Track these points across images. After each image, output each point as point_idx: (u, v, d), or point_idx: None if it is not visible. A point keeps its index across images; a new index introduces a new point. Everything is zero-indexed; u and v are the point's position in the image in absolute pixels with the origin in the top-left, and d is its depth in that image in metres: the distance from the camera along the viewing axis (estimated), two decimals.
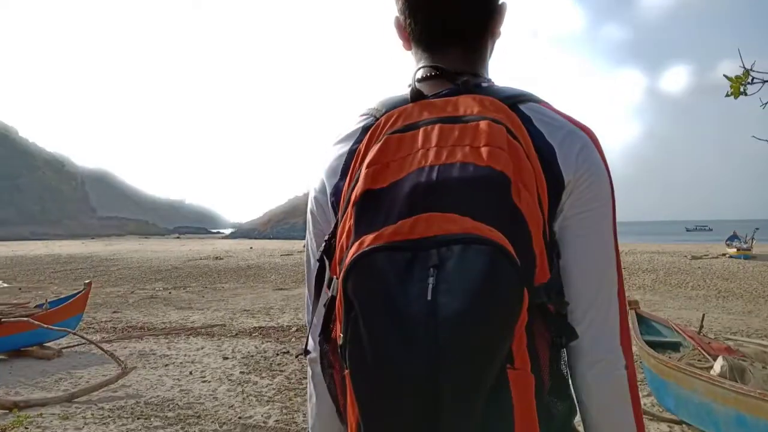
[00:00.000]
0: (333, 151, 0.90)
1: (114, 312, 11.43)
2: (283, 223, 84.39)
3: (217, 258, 27.77)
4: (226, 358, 6.77)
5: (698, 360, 4.09)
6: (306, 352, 0.92)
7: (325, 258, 0.83)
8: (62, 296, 8.19)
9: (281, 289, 16.49)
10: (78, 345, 7.46)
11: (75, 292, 7.70)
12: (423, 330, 0.63)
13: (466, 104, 0.80)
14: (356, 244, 0.70)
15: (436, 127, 0.77)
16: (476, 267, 0.64)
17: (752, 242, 23.28)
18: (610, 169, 0.83)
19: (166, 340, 7.88)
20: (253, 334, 8.34)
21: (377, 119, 0.84)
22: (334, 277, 0.77)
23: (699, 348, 4.21)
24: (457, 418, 0.64)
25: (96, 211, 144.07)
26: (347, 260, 0.69)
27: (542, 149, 0.79)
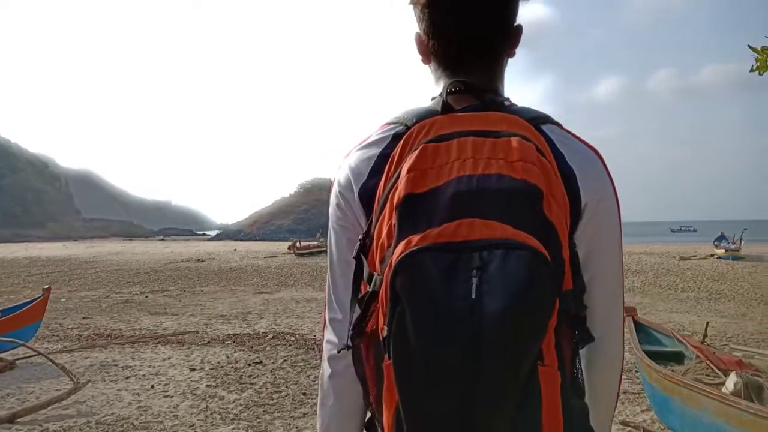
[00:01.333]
0: (360, 154, 0.95)
1: (84, 318, 10.86)
2: (269, 225, 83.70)
3: (199, 260, 27.17)
4: (194, 370, 6.29)
5: (706, 374, 3.69)
6: (348, 347, 0.91)
7: (361, 255, 0.88)
8: (17, 303, 7.63)
9: (262, 292, 15.98)
10: (36, 356, 6.94)
11: (31, 299, 7.16)
12: (467, 325, 0.71)
13: (495, 120, 0.88)
14: (402, 243, 0.77)
15: (470, 139, 0.85)
16: (517, 270, 0.72)
17: (740, 243, 23.12)
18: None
19: (132, 349, 7.38)
20: (226, 342, 7.86)
21: (408, 128, 0.91)
22: (375, 273, 0.83)
23: (706, 361, 3.81)
24: (493, 406, 0.73)
25: (80, 213, 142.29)
26: (394, 258, 0.76)
27: (564, 170, 0.87)
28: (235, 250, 34.19)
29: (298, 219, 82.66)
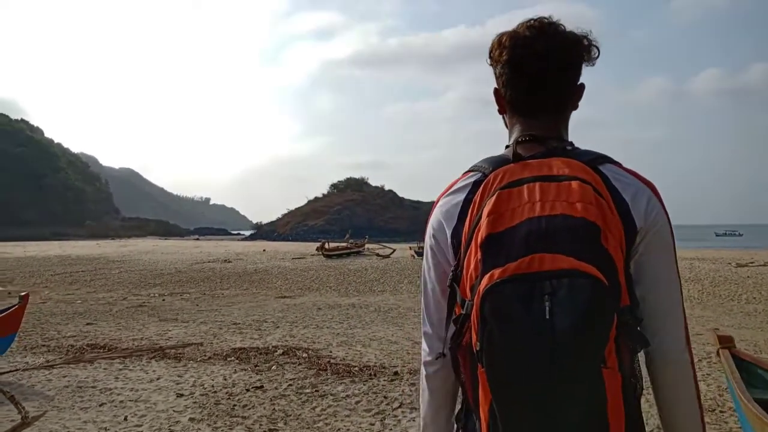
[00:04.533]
0: (448, 200, 1.17)
1: (88, 324, 10.09)
2: (302, 225, 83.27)
3: (226, 261, 26.51)
4: (181, 396, 5.32)
5: None
6: (443, 355, 1.15)
7: (454, 284, 1.09)
8: None
9: (284, 296, 15.07)
10: (11, 372, 6.09)
11: (4, 307, 6.31)
12: (543, 340, 0.90)
13: (558, 166, 1.06)
14: (487, 276, 0.96)
15: (537, 184, 1.02)
16: (582, 294, 0.91)
17: None
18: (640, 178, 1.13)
19: (121, 366, 6.47)
20: (229, 359, 6.89)
21: (486, 175, 1.10)
22: (466, 299, 1.03)
23: None
24: (567, 401, 0.92)
25: (119, 212, 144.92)
26: (481, 288, 0.95)
27: (619, 203, 1.05)
28: (264, 250, 33.53)
29: (330, 219, 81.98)
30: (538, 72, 1.15)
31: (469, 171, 1.17)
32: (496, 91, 1.23)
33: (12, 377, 5.88)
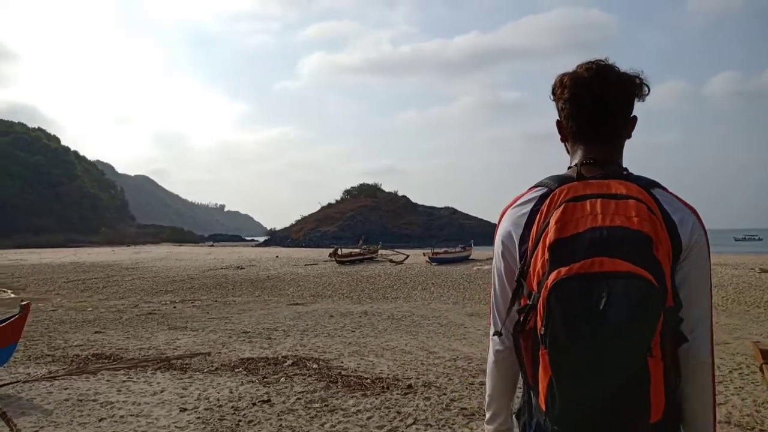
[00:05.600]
0: (516, 210, 1.36)
1: (96, 332, 9.92)
2: (315, 231, 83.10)
3: (238, 267, 26.34)
4: (184, 410, 5.08)
5: None
6: (498, 333, 1.39)
7: (521, 279, 1.28)
8: None
9: (296, 304, 14.83)
10: (11, 384, 5.89)
11: (5, 317, 6.11)
12: (596, 329, 1.08)
13: (616, 186, 1.25)
14: (554, 273, 1.14)
15: (599, 200, 1.21)
16: (636, 293, 1.09)
17: None
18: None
19: (125, 377, 6.25)
20: (237, 369, 6.65)
21: (552, 190, 1.29)
22: (533, 292, 1.21)
23: None
24: (616, 382, 1.10)
25: (135, 219, 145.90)
26: (548, 283, 1.14)
27: (669, 222, 1.24)
28: (277, 257, 33.37)
29: (344, 225, 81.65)
30: (596, 108, 1.35)
31: (535, 186, 1.37)
32: (559, 123, 1.44)
33: (12, 389, 5.68)
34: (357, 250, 31.10)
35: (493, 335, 1.41)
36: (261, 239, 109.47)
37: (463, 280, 19.12)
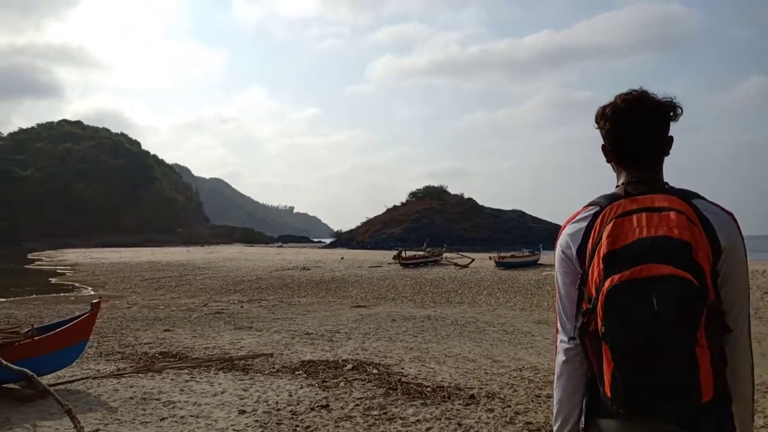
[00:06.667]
0: (574, 227, 1.57)
1: (165, 330, 10.20)
2: (380, 233, 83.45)
3: (304, 268, 26.70)
4: (243, 413, 5.06)
5: None
6: (573, 338, 1.53)
7: (582, 287, 1.50)
8: (61, 319, 6.82)
9: (359, 306, 14.81)
10: (81, 380, 6.08)
11: (77, 314, 6.31)
12: (650, 325, 1.30)
13: (659, 200, 1.46)
14: (608, 280, 1.36)
15: (644, 214, 1.44)
16: (680, 292, 1.30)
17: None
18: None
19: (189, 376, 6.33)
20: (297, 372, 6.61)
21: (603, 208, 1.51)
22: (592, 297, 1.42)
23: None
24: (668, 368, 1.31)
25: (209, 220, 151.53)
26: (604, 289, 1.36)
27: (708, 228, 1.42)
28: (342, 258, 33.63)
29: (409, 228, 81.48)
30: (635, 134, 1.57)
31: (589, 205, 1.58)
32: (604, 147, 1.66)
33: (81, 385, 5.85)
34: (421, 253, 30.83)
35: (561, 338, 1.59)
36: (327, 241, 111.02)
37: (531, 286, 18.55)
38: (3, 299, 19.24)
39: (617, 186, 1.60)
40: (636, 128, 1.55)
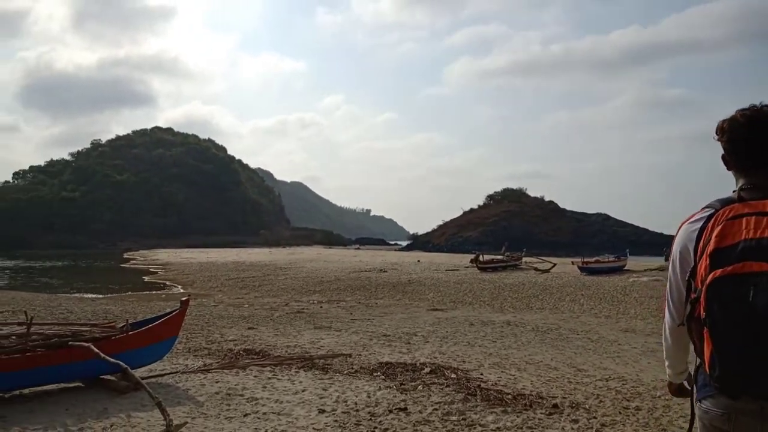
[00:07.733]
0: (689, 227, 1.77)
1: (249, 328, 10.56)
2: (457, 236, 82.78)
3: (381, 270, 26.91)
4: (322, 412, 5.11)
5: None
6: (682, 323, 1.78)
7: (691, 279, 1.71)
8: (153, 315, 7.16)
9: (436, 309, 14.72)
10: (171, 374, 6.38)
11: (167, 311, 6.62)
12: (748, 313, 1.51)
13: None
14: (712, 273, 1.58)
15: (753, 217, 1.61)
16: None
17: None
18: None
19: (271, 374, 6.49)
20: (375, 373, 6.62)
21: (717, 211, 1.70)
22: (698, 287, 1.64)
23: None
24: (763, 351, 1.50)
25: (290, 222, 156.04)
26: (708, 280, 1.59)
27: None
28: (418, 261, 33.62)
29: (486, 231, 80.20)
30: (752, 147, 1.76)
31: (706, 207, 1.77)
32: (723, 157, 1.85)
33: (171, 379, 6.13)
34: (500, 257, 30.30)
35: (669, 322, 1.89)
36: (403, 243, 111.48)
37: (617, 293, 17.77)
38: (101, 296, 20.67)
39: (734, 191, 1.78)
40: (752, 142, 1.74)
